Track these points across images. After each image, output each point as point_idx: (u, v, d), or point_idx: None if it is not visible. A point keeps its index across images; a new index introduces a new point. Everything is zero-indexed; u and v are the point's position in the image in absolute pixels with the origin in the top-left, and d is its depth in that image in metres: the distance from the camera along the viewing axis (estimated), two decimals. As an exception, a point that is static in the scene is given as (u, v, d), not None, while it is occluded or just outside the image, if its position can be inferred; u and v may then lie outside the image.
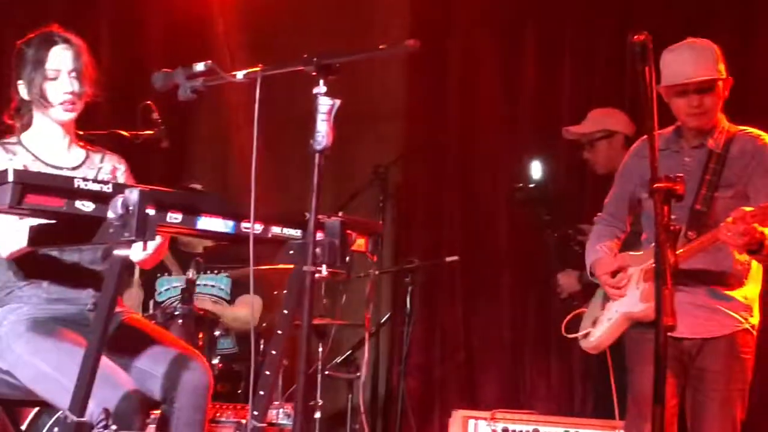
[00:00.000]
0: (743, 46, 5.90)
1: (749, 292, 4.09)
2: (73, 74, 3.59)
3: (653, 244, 4.01)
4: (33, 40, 3.63)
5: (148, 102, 4.42)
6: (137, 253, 3.42)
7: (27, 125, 3.68)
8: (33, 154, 3.63)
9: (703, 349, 4.02)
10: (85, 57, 3.63)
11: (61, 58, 3.58)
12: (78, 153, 3.73)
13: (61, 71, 3.57)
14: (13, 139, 3.66)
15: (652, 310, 3.93)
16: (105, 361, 3.32)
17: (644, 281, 4.09)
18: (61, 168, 3.63)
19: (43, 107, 3.60)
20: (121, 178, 3.77)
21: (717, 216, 3.95)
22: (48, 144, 3.67)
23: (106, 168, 3.76)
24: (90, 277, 3.59)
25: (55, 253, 3.55)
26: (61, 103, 3.59)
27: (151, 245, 3.17)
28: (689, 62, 4.06)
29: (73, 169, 3.66)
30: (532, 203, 5.94)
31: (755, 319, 4.11)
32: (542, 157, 6.12)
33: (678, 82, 4.04)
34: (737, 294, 4.06)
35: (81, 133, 3.82)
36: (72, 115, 3.64)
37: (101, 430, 3.14)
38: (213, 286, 5.94)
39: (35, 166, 3.58)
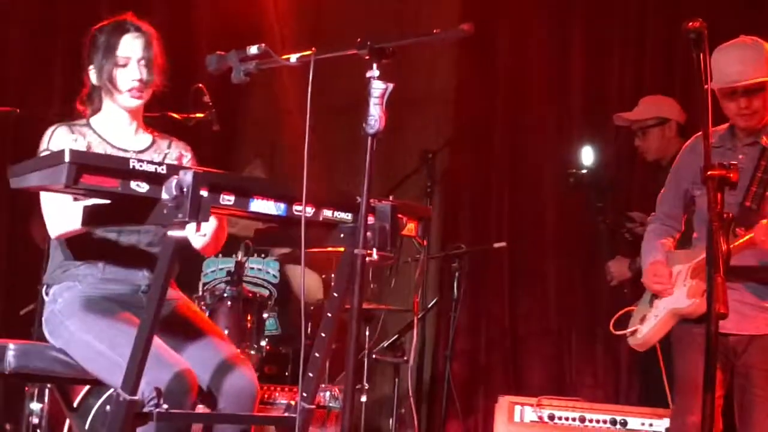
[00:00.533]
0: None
1: None
2: (143, 62, 3.61)
3: (702, 242, 4.05)
4: (106, 27, 3.67)
5: (200, 85, 4.46)
6: (197, 239, 3.51)
7: (97, 110, 3.71)
8: (100, 136, 3.66)
9: (750, 346, 4.00)
10: (156, 46, 3.66)
11: (132, 46, 3.61)
12: (145, 138, 3.76)
13: (131, 59, 3.60)
14: (82, 122, 3.69)
15: (698, 306, 3.99)
16: (157, 341, 3.35)
17: (691, 278, 4.07)
18: (127, 150, 3.66)
19: (111, 93, 3.63)
20: (187, 165, 3.78)
21: (766, 215, 3.94)
22: (116, 128, 3.70)
23: (172, 154, 3.77)
24: (146, 260, 3.60)
25: (112, 234, 3.58)
26: (129, 90, 3.61)
27: (206, 227, 3.20)
28: (737, 63, 4.03)
29: (139, 152, 3.68)
30: (584, 189, 5.91)
31: None
32: (593, 143, 6.10)
33: (726, 85, 4.02)
34: None
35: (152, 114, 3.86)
36: (138, 102, 3.66)
37: (152, 408, 3.17)
38: (260, 269, 5.98)
39: (101, 147, 3.62)
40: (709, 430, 3.06)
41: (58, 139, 3.59)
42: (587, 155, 5.98)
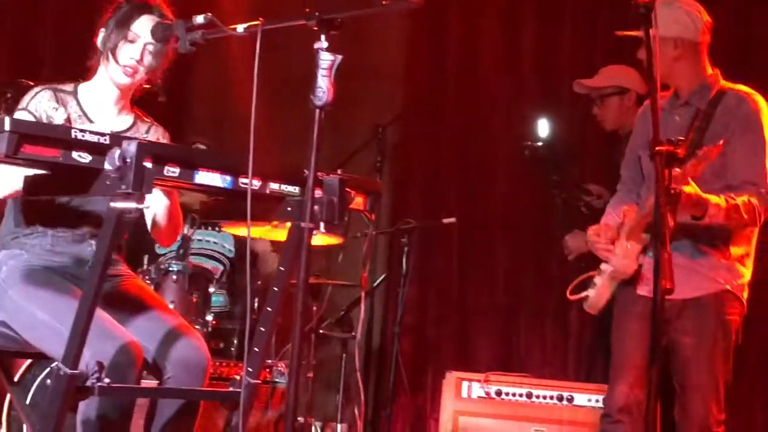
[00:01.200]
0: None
1: (735, 251, 4.04)
2: (150, 47, 3.58)
3: (641, 202, 4.07)
4: (132, 1, 3.63)
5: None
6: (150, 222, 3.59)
7: (88, 77, 3.68)
8: (82, 109, 3.64)
9: (684, 309, 3.98)
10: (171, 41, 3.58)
11: (146, 28, 3.54)
12: (126, 119, 3.73)
13: (139, 38, 3.57)
14: (69, 87, 3.67)
15: (628, 267, 4.02)
16: (102, 314, 3.33)
17: (626, 240, 4.05)
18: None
19: (107, 62, 3.60)
20: None
21: (703, 176, 3.86)
22: (101, 102, 3.67)
23: (150, 139, 3.73)
24: (95, 235, 3.58)
25: (64, 206, 3.55)
26: (124, 66, 3.58)
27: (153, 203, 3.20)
28: (665, 17, 3.90)
29: (117, 133, 3.63)
30: (540, 162, 5.92)
31: (742, 281, 4.06)
32: (546, 116, 6.10)
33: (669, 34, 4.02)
34: (720, 254, 4.02)
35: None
36: (128, 81, 3.62)
37: (94, 382, 3.14)
38: (216, 242, 5.96)
39: (79, 122, 3.59)
40: (654, 404, 3.09)
41: (39, 102, 3.58)
42: (543, 127, 5.98)
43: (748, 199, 3.91)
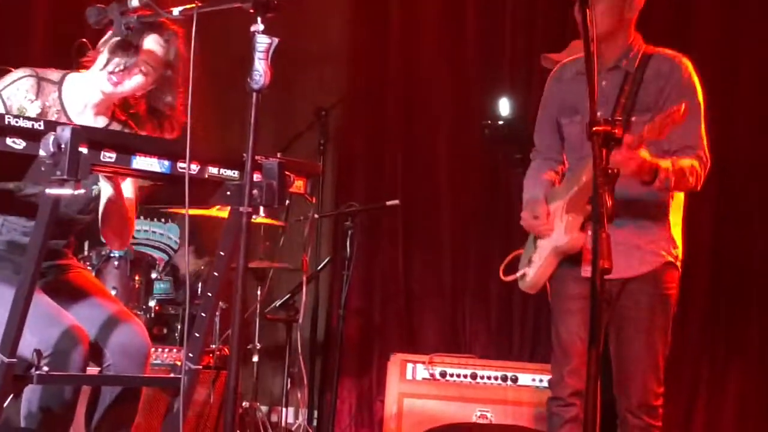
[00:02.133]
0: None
1: (673, 219, 4.04)
2: (144, 67, 3.50)
3: (573, 174, 4.05)
4: (147, 17, 3.46)
5: (83, 40, 4.35)
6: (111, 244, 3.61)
7: (86, 66, 3.60)
8: (62, 103, 3.56)
9: (625, 288, 3.97)
10: (181, 65, 3.54)
11: (149, 45, 3.48)
12: (102, 120, 3.64)
13: (138, 50, 3.48)
14: (56, 77, 3.59)
15: (575, 240, 3.98)
16: (45, 300, 3.32)
17: (566, 213, 4.03)
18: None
19: (97, 63, 3.52)
20: None
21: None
22: (83, 99, 3.59)
23: None
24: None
25: (14, 198, 3.47)
26: (110, 73, 3.50)
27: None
28: None
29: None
30: (501, 142, 5.90)
31: (679, 251, 4.05)
32: (490, 97, 6.09)
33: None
34: (661, 225, 4.02)
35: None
36: (110, 89, 3.52)
37: (33, 371, 3.12)
38: (162, 234, 5.92)
39: (55, 116, 3.52)
40: (594, 385, 3.10)
41: (17, 90, 3.49)
42: (504, 107, 5.94)
43: (691, 164, 3.89)
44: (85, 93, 3.59)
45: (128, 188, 3.64)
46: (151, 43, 3.50)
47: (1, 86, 3.49)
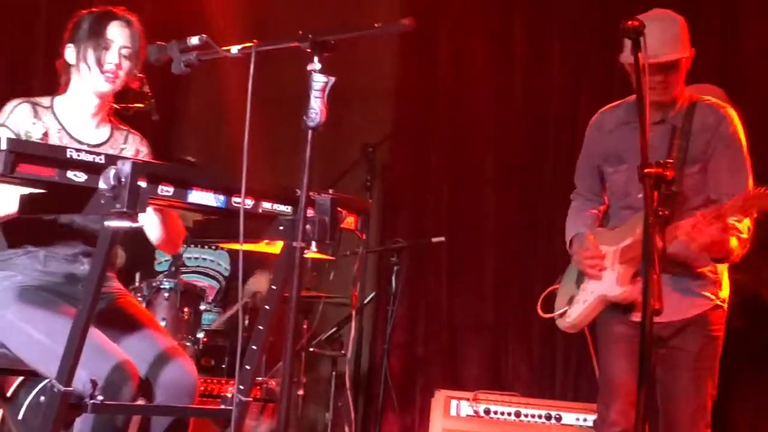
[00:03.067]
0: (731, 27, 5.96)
1: (718, 265, 4.04)
2: (124, 51, 3.59)
3: (626, 221, 4.04)
4: (95, 12, 3.64)
5: (140, 75, 4.41)
6: (153, 233, 3.65)
7: (63, 90, 3.67)
8: (60, 123, 3.62)
9: (676, 331, 3.98)
10: (141, 41, 3.63)
11: (117, 33, 3.58)
12: (103, 132, 3.71)
13: (113, 42, 3.57)
14: (46, 102, 3.64)
15: (629, 293, 3.97)
16: (97, 333, 3.33)
17: (620, 263, 4.03)
18: (82, 143, 3.60)
19: (88, 72, 3.58)
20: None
21: (687, 193, 3.93)
22: (78, 115, 3.65)
23: (128, 150, 3.73)
24: (88, 255, 3.56)
25: (55, 225, 3.53)
26: (104, 72, 3.57)
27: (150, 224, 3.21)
28: (654, 38, 3.80)
29: (95, 146, 3.62)
30: None
31: (725, 293, 4.06)
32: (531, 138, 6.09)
33: (649, 61, 3.96)
34: (707, 270, 4.02)
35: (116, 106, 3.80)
36: (109, 87, 3.61)
37: (88, 400, 3.14)
38: (212, 260, 5.96)
39: (57, 136, 3.58)
40: (642, 427, 3.08)
41: (18, 118, 3.55)
42: None
43: (747, 225, 3.90)
44: (79, 109, 3.65)
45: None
46: (115, 28, 3.59)
47: (3, 118, 3.53)
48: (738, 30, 6.06)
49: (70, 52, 3.62)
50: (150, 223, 3.70)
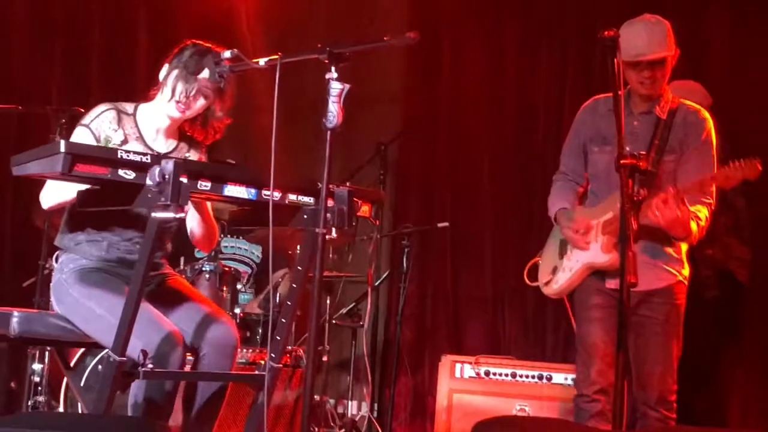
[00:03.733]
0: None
1: (683, 248, 4.06)
2: (203, 90, 3.54)
3: (606, 198, 4.04)
4: (198, 45, 3.56)
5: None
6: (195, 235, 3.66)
7: (152, 97, 3.64)
8: (139, 131, 3.61)
9: (644, 299, 3.97)
10: (230, 88, 3.59)
11: (205, 75, 3.51)
12: (172, 142, 3.69)
13: (198, 77, 3.51)
14: (130, 109, 3.63)
15: (615, 260, 3.94)
16: (149, 308, 3.35)
17: (602, 234, 4.03)
18: (153, 149, 3.60)
19: (167, 95, 3.55)
20: None
21: (663, 177, 3.92)
22: (154, 126, 3.63)
23: (192, 157, 3.71)
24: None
25: (116, 218, 3.52)
26: (177, 102, 3.54)
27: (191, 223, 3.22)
28: (643, 38, 3.94)
29: (165, 154, 3.60)
30: None
31: (686, 271, 4.08)
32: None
33: (632, 59, 3.93)
34: (672, 250, 4.03)
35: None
36: (178, 116, 3.57)
37: (140, 369, 3.15)
38: (246, 249, 5.98)
39: (134, 142, 3.57)
40: (621, 384, 3.10)
41: (102, 122, 3.54)
42: None
43: (705, 216, 3.94)
44: (156, 120, 3.63)
45: (208, 204, 3.68)
46: (206, 73, 3.52)
47: (89, 120, 3.53)
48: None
49: (163, 71, 3.59)
50: (191, 222, 3.71)
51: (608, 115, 4.05)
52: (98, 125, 3.52)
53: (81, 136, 3.50)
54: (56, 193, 3.41)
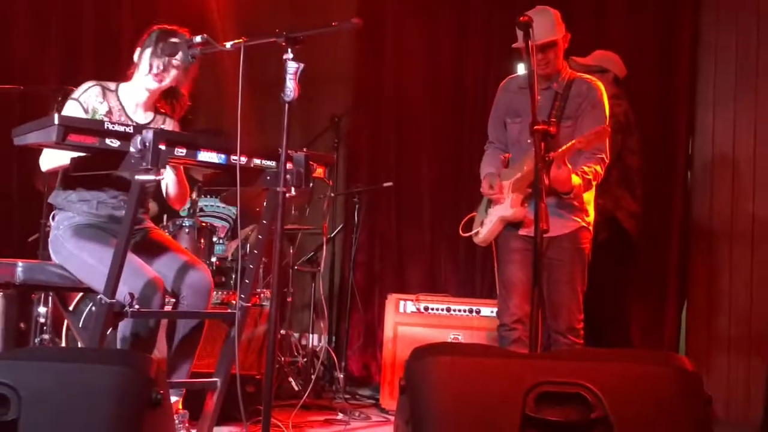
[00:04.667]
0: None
1: (586, 197, 4.06)
2: (174, 61, 3.49)
3: (518, 161, 4.06)
4: (163, 29, 3.51)
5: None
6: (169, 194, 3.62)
7: (128, 79, 3.60)
8: (121, 105, 3.57)
9: (552, 243, 3.98)
10: (193, 69, 3.55)
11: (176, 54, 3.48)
12: (149, 114, 3.65)
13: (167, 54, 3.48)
14: (112, 86, 3.58)
15: (518, 213, 4.01)
16: (134, 258, 3.32)
17: (512, 192, 4.05)
18: (133, 121, 3.57)
19: (143, 72, 3.52)
20: None
21: (560, 141, 3.86)
22: (134, 101, 3.60)
23: (167, 128, 3.65)
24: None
25: (104, 179, 3.48)
26: (154, 75, 3.50)
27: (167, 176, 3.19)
28: (535, 27, 3.85)
29: (143, 125, 3.55)
30: None
31: (590, 218, 4.09)
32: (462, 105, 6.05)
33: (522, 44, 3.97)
34: (575, 201, 4.03)
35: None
36: (154, 86, 3.54)
37: (127, 309, 3.13)
38: (224, 207, 5.93)
39: (117, 113, 3.53)
40: (536, 314, 3.13)
41: (89, 96, 3.50)
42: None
43: (595, 169, 3.96)
44: (135, 96, 3.60)
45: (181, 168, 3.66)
46: (180, 55, 3.49)
47: (78, 94, 3.50)
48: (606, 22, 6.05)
49: (137, 54, 3.54)
50: (169, 182, 3.66)
51: (517, 92, 4.12)
52: (86, 99, 3.49)
53: (71, 109, 3.45)
54: (52, 159, 3.37)
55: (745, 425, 5.13)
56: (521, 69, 4.40)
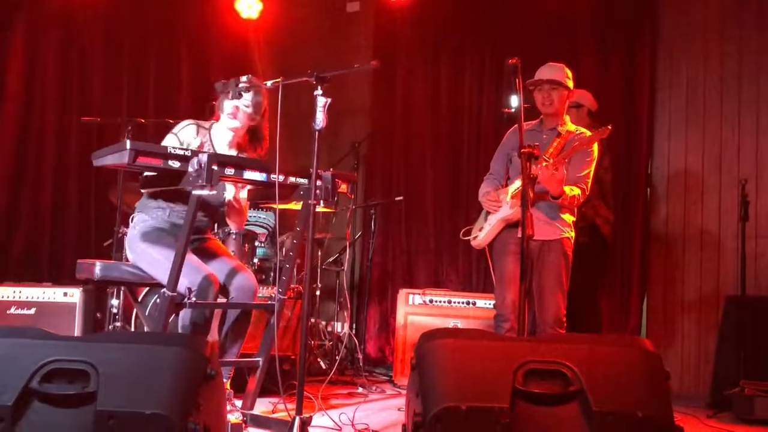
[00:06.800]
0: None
1: (568, 218, 4.04)
2: (245, 103, 3.48)
3: (513, 181, 4.05)
4: (251, 87, 3.45)
5: (214, 102, 4.36)
6: (233, 226, 3.62)
7: (217, 118, 3.60)
8: (212, 142, 3.56)
9: (543, 247, 3.96)
10: (263, 100, 3.52)
11: (246, 95, 3.46)
12: (233, 152, 3.63)
13: (240, 98, 3.47)
14: (206, 125, 3.58)
15: (517, 212, 3.93)
16: (193, 257, 3.32)
17: (511, 198, 4.02)
18: None
19: (223, 115, 3.53)
20: None
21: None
22: (223, 139, 3.59)
23: None
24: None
25: (175, 194, 3.45)
26: (229, 114, 3.50)
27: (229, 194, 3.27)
28: (544, 70, 4.01)
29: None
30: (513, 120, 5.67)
31: (572, 234, 4.04)
32: (461, 137, 6.03)
33: (534, 80, 3.99)
34: (564, 216, 4.01)
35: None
36: (233, 124, 3.52)
37: (186, 301, 3.14)
38: (264, 218, 5.92)
39: (207, 149, 3.51)
40: (523, 306, 3.11)
41: (187, 133, 3.50)
42: (514, 101, 5.73)
43: (577, 194, 3.94)
44: (224, 135, 3.60)
45: (244, 193, 3.65)
46: (231, 94, 3.44)
47: (177, 130, 3.50)
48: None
49: (219, 101, 3.55)
50: (233, 213, 3.65)
51: (525, 133, 4.05)
52: (183, 135, 3.50)
53: (169, 140, 3.46)
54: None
55: (697, 396, 5.14)
56: (514, 101, 4.47)
